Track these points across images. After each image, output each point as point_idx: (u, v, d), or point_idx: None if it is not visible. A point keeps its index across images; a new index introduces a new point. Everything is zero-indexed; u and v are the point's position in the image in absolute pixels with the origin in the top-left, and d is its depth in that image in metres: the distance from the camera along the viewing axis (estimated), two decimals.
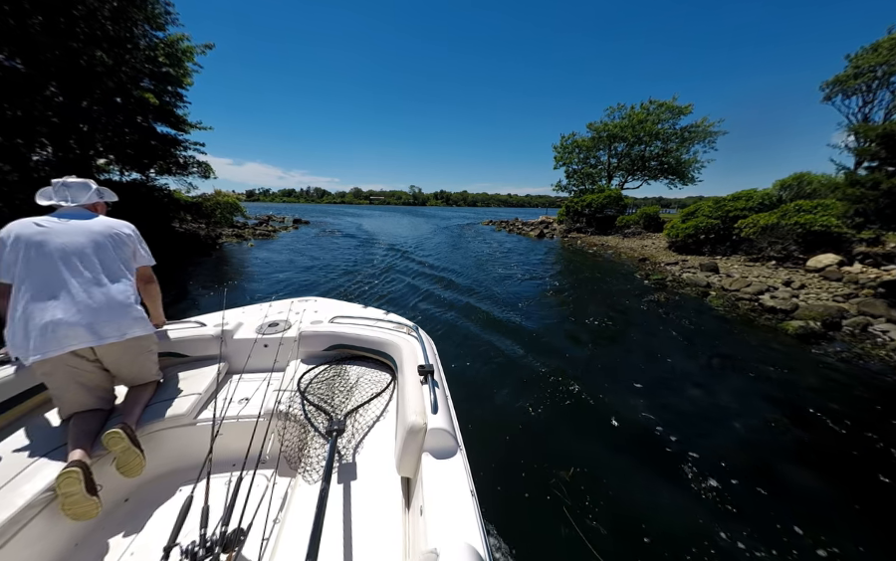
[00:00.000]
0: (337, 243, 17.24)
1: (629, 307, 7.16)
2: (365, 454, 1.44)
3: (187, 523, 1.02)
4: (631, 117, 22.79)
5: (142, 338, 1.60)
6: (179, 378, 1.86)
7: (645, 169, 25.51)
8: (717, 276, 9.78)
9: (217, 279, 9.17)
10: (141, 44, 9.29)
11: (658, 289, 8.65)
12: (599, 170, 26.86)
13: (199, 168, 13.64)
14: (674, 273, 10.44)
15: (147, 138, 11.48)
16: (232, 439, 1.63)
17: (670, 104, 22.36)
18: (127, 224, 1.71)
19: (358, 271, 10.20)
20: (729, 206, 12.37)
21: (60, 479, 1.13)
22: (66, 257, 1.43)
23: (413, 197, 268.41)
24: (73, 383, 1.44)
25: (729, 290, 8.31)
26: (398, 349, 1.82)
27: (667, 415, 3.48)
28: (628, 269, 11.64)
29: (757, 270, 9.95)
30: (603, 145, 25.57)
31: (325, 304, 2.83)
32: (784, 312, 6.60)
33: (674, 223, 14.41)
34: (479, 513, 0.99)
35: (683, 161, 23.43)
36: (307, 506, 1.24)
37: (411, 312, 6.36)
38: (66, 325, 1.35)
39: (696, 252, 13.19)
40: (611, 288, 8.82)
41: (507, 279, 9.50)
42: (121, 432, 1.32)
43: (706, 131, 21.60)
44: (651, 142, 23.62)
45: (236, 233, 18.25)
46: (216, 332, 2.06)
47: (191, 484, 1.21)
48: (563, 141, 27.71)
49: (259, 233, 19.31)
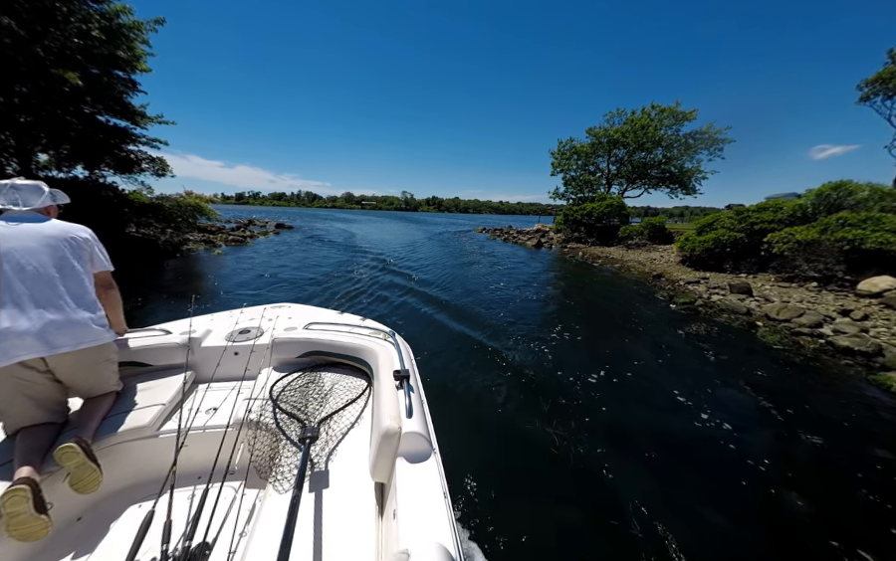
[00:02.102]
0: (319, 252, 15.57)
1: (663, 343, 5.73)
2: (339, 460, 1.40)
3: (147, 540, 0.95)
4: (633, 123, 21.70)
5: (101, 347, 1.52)
6: (141, 388, 1.78)
7: (646, 177, 24.46)
8: (752, 299, 8.47)
9: (157, 290, 7.50)
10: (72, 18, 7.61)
11: (690, 317, 7.26)
12: (598, 178, 25.75)
13: (153, 165, 11.85)
14: (700, 294, 9.10)
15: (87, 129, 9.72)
16: (198, 450, 1.57)
17: (673, 110, 21.38)
18: (84, 228, 1.63)
19: (335, 288, 8.60)
20: (754, 217, 11.15)
21: (5, 499, 1.07)
22: (15, 263, 1.35)
23: (405, 202, 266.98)
24: (20, 396, 1.35)
25: (777, 320, 6.96)
26: (374, 355, 1.79)
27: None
28: (645, 287, 10.28)
29: (796, 292, 8.66)
30: (603, 151, 24.45)
31: (299, 311, 2.74)
32: (864, 355, 5.24)
33: (688, 235, 13.16)
34: (451, 514, 1.00)
35: (686, 170, 22.43)
36: (277, 516, 1.19)
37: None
38: (14, 335, 1.28)
39: (716, 268, 11.94)
40: (634, 315, 7.40)
41: (509, 301, 8.01)
42: (76, 446, 1.25)
43: (712, 138, 20.63)
44: (653, 149, 22.58)
45: (206, 238, 16.47)
46: (182, 340, 1.98)
47: (152, 500, 1.13)
48: (561, 147, 26.55)
49: (232, 239, 17.53)
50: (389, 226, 40.77)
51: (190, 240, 15.44)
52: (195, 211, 13.22)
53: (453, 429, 3.21)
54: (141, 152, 11.65)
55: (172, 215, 12.29)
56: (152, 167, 11.93)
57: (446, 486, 1.10)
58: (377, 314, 6.54)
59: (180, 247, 13.57)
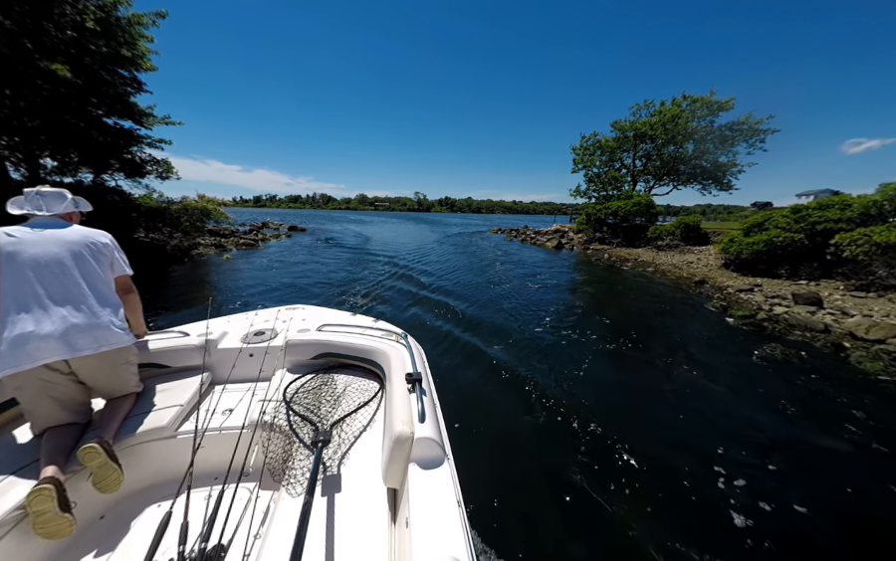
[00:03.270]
0: (330, 256, 14.95)
1: (735, 369, 4.69)
2: (351, 464, 1.40)
3: (165, 540, 0.96)
4: (663, 114, 20.20)
5: (121, 349, 1.55)
6: (160, 389, 1.81)
7: (675, 173, 22.86)
8: (825, 312, 7.24)
9: (159, 297, 6.91)
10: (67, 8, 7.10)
11: (756, 335, 6.14)
12: (624, 174, 24.29)
13: (157, 167, 11.40)
14: (759, 305, 7.90)
15: (90, 131, 9.29)
16: (214, 451, 1.58)
17: (707, 100, 19.74)
18: (104, 233, 1.67)
19: (341, 299, 7.84)
20: (815, 216, 9.81)
21: (31, 497, 1.10)
22: (39, 268, 1.39)
23: (418, 203, 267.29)
24: (45, 397, 1.39)
25: (867, 340, 5.78)
26: (386, 357, 1.79)
27: None
28: (688, 295, 9.12)
29: (876, 303, 7.38)
30: (629, 146, 22.98)
31: (312, 312, 2.74)
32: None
33: (733, 236, 11.85)
34: (466, 525, 0.97)
35: (720, 164, 20.77)
36: (290, 520, 1.19)
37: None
38: (38, 338, 1.31)
39: (767, 273, 10.62)
40: (688, 331, 6.33)
41: (536, 311, 7.06)
42: (98, 446, 1.27)
43: (752, 129, 18.93)
44: (684, 142, 21.02)
45: (217, 242, 16.11)
46: (199, 342, 2.01)
47: (170, 499, 1.19)
48: (584, 142, 25.18)
49: (243, 242, 17.14)
50: (403, 227, 40.07)
51: (201, 244, 15.07)
52: (203, 215, 12.71)
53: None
54: (146, 155, 11.20)
55: (179, 219, 11.80)
56: (156, 170, 11.45)
57: (460, 495, 1.08)
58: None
59: (189, 252, 13.15)
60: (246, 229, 23.49)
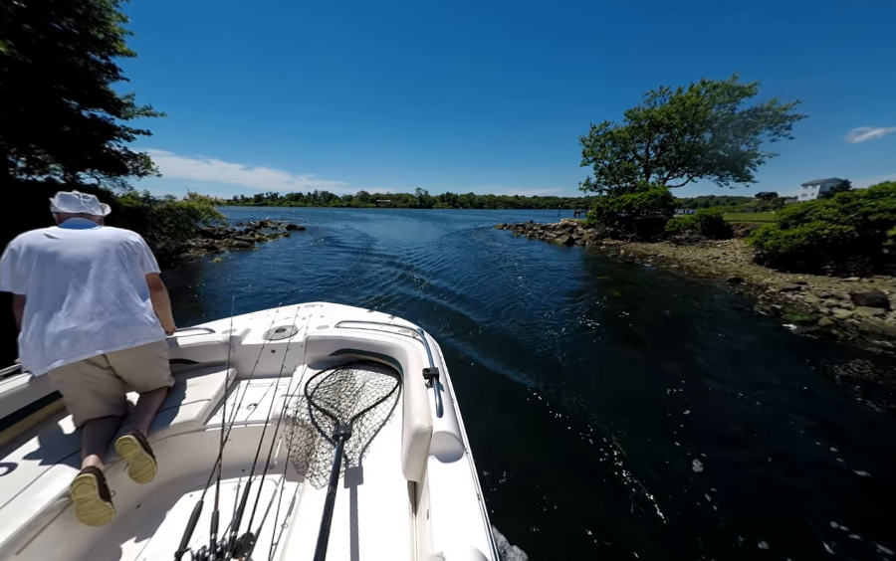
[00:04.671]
0: (328, 257, 14.03)
1: (819, 406, 3.71)
2: (372, 458, 1.43)
3: (198, 529, 1.00)
4: (683, 101, 18.98)
5: (154, 345, 1.62)
6: (189, 384, 1.86)
7: (691, 163, 21.65)
8: (892, 313, 6.24)
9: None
10: None
11: (825, 347, 5.14)
12: (637, 166, 23.08)
13: (135, 163, 10.45)
14: (816, 308, 6.88)
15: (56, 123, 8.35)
16: (241, 444, 1.64)
17: (728, 85, 18.45)
18: (133, 233, 1.73)
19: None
20: (867, 206, 8.74)
21: (74, 486, 1.16)
22: (78, 267, 1.45)
23: (420, 199, 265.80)
24: (86, 390, 1.45)
25: None
26: (404, 353, 1.81)
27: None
28: (727, 296, 8.11)
29: None
30: (643, 136, 21.78)
31: (331, 309, 2.80)
32: None
33: (769, 229, 10.79)
34: (486, 516, 0.99)
35: (741, 153, 19.57)
36: (314, 511, 1.24)
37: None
38: (79, 334, 1.37)
39: (809, 269, 9.57)
40: (738, 343, 5.33)
41: (560, 318, 6.09)
42: (134, 438, 1.33)
43: (777, 115, 17.67)
44: (702, 131, 19.81)
45: (210, 243, 15.21)
46: (224, 339, 2.06)
47: (201, 490, 1.22)
48: (594, 132, 23.96)
49: (237, 243, 16.23)
50: (406, 224, 38.91)
51: (192, 246, 14.20)
52: (190, 215, 11.77)
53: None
54: (124, 149, 10.23)
55: (161, 221, 10.85)
56: (132, 165, 10.43)
57: (479, 488, 1.10)
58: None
59: (178, 255, 12.24)
60: (242, 229, 22.62)
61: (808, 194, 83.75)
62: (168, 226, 10.97)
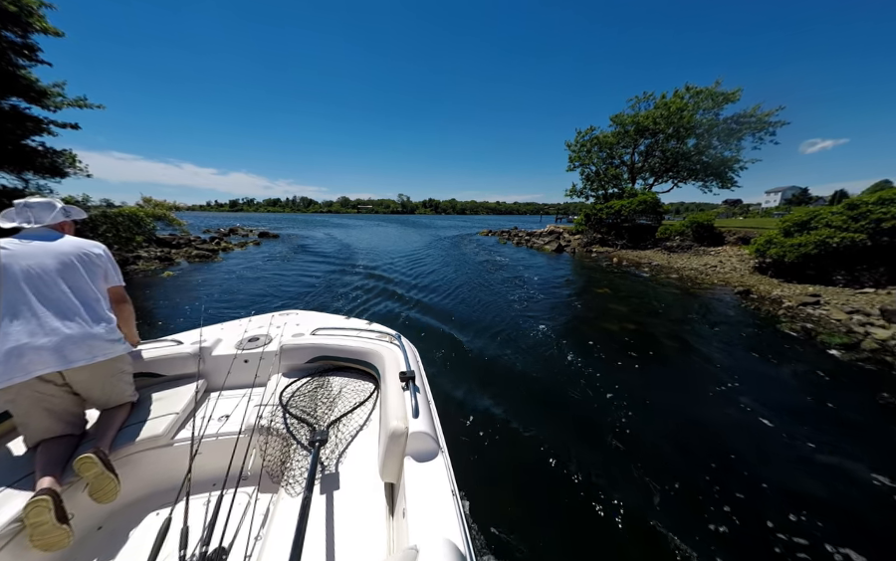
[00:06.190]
0: (301, 268, 12.63)
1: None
2: (349, 462, 1.40)
3: (165, 547, 0.96)
4: (668, 106, 18.79)
5: (114, 360, 1.55)
6: (155, 398, 1.78)
7: (677, 168, 21.56)
8: None
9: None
10: None
11: (884, 379, 4.37)
12: (623, 172, 22.82)
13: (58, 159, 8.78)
14: (849, 327, 6.19)
15: None
16: (212, 457, 1.58)
17: (712, 91, 18.42)
18: (97, 244, 1.65)
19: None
20: (878, 212, 8.30)
21: (28, 509, 1.09)
22: (31, 280, 1.37)
23: (402, 205, 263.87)
24: (39, 409, 1.37)
25: None
26: (381, 358, 1.80)
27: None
28: (744, 313, 7.37)
29: None
30: (629, 141, 21.52)
31: (306, 317, 2.75)
32: None
33: (772, 237, 10.30)
34: (461, 511, 1.00)
35: (725, 159, 19.56)
36: (290, 520, 1.20)
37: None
38: (31, 350, 1.30)
39: (818, 279, 9.06)
40: (777, 376, 4.49)
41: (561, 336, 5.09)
42: (94, 457, 1.27)
43: (760, 121, 17.73)
44: (687, 137, 19.70)
45: (165, 254, 13.46)
46: (193, 350, 2.00)
47: (169, 507, 1.21)
48: (579, 138, 23.59)
49: (197, 254, 14.52)
50: (387, 231, 37.33)
51: (142, 257, 12.45)
52: (133, 222, 10.13)
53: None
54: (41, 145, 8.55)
55: (96, 229, 9.18)
56: (46, 162, 8.63)
57: (455, 485, 1.11)
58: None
59: (123, 267, 10.58)
60: (207, 237, 20.72)
61: (771, 201, 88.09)
62: (105, 235, 9.31)
